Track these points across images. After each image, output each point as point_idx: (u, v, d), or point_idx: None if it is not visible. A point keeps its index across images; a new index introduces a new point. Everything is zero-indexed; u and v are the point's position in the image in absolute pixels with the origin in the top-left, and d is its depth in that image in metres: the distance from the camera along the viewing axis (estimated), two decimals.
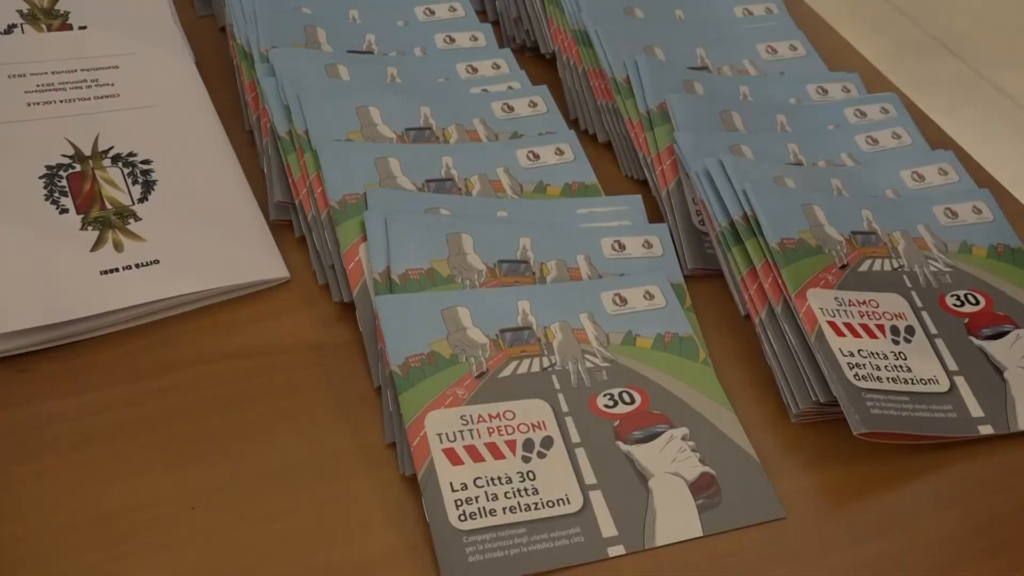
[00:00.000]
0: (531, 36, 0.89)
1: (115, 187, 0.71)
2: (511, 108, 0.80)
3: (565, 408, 0.61)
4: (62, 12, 0.83)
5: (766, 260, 0.67)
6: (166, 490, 0.58)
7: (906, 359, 0.64)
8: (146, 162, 0.73)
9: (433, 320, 0.64)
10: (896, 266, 0.70)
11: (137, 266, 0.67)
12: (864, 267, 0.69)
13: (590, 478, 0.58)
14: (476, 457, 0.58)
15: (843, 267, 0.68)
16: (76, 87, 0.77)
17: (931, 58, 2.50)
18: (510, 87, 0.82)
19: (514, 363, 0.63)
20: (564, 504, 0.57)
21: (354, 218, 0.69)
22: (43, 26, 0.81)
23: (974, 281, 0.70)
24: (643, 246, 0.71)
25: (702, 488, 0.59)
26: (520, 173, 0.75)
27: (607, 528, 0.57)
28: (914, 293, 0.68)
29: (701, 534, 0.57)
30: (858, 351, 0.63)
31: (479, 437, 0.59)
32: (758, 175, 0.72)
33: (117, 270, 0.67)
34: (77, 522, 0.56)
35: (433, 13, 0.88)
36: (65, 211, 0.69)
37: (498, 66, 0.84)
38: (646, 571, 0.56)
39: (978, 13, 2.66)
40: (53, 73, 0.77)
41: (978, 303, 0.69)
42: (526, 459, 0.59)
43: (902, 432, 0.60)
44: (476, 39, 0.86)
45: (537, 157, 0.76)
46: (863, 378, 0.62)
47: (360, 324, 0.66)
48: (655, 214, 0.76)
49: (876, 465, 0.62)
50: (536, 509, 0.57)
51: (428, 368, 0.62)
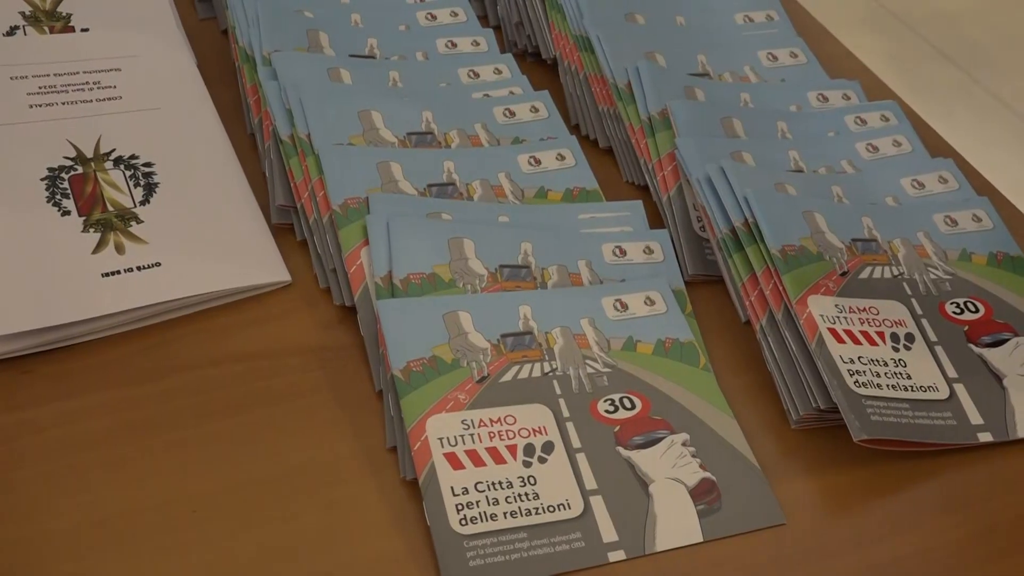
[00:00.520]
0: (533, 41, 0.89)
1: (117, 189, 0.71)
2: (512, 113, 0.80)
3: (566, 413, 0.61)
4: (64, 14, 0.83)
5: (767, 267, 0.67)
6: (167, 494, 0.58)
7: (906, 366, 0.64)
8: (148, 164, 0.73)
9: (435, 324, 0.64)
10: (896, 273, 0.70)
11: (138, 268, 0.67)
12: (864, 274, 0.69)
13: (591, 483, 0.58)
14: (477, 462, 0.58)
15: (843, 274, 0.68)
16: (78, 89, 0.77)
17: (930, 65, 2.51)
18: (511, 92, 0.82)
19: (515, 368, 0.63)
20: (565, 509, 0.57)
21: (356, 222, 0.69)
22: (45, 28, 0.81)
23: (974, 289, 0.70)
24: (644, 252, 0.71)
25: (702, 494, 0.59)
26: (521, 178, 0.75)
27: (608, 533, 0.57)
28: (914, 300, 0.69)
29: (701, 539, 0.57)
30: (858, 358, 0.63)
31: (480, 442, 0.59)
32: (759, 182, 0.72)
33: (119, 272, 0.67)
34: (77, 526, 0.56)
35: (435, 18, 0.88)
36: (67, 213, 0.69)
37: (500, 71, 0.84)
38: None
39: (976, 21, 2.67)
40: (55, 75, 0.77)
41: (978, 311, 0.69)
42: (527, 464, 0.59)
43: (901, 439, 0.60)
44: (478, 44, 0.87)
45: (538, 162, 0.76)
46: (863, 385, 0.62)
47: (361, 328, 0.66)
48: (656, 220, 0.76)
49: (876, 471, 0.62)
50: (537, 514, 0.57)
51: (430, 372, 0.62)
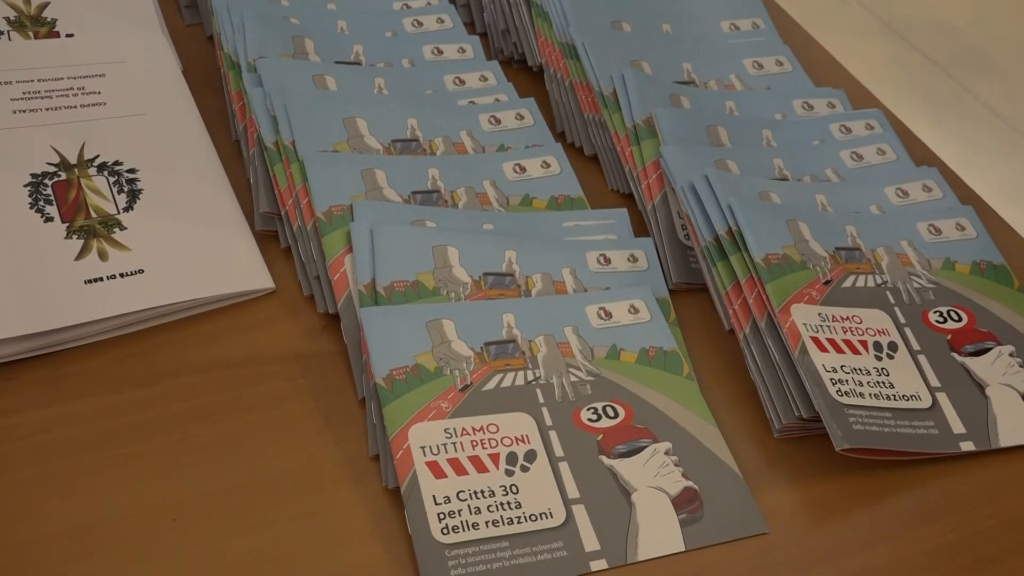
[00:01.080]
0: (519, 48, 0.89)
1: (100, 196, 0.71)
2: (498, 120, 0.80)
3: (549, 422, 0.61)
4: (49, 20, 0.83)
5: (751, 275, 0.67)
6: (149, 500, 0.58)
7: (889, 375, 0.64)
8: (132, 171, 0.73)
9: (418, 332, 0.64)
10: (880, 282, 0.70)
11: (122, 275, 0.67)
12: (848, 283, 0.69)
13: (573, 492, 0.58)
14: (459, 470, 0.58)
15: (827, 283, 0.68)
16: (63, 95, 0.77)
17: (919, 72, 2.52)
18: (497, 99, 0.82)
19: (498, 376, 0.63)
20: (547, 518, 0.57)
21: (340, 229, 0.69)
22: (30, 33, 0.81)
23: (957, 298, 0.71)
24: (628, 260, 0.71)
25: (685, 503, 0.59)
26: (506, 186, 0.75)
27: (590, 542, 0.57)
28: (897, 309, 0.69)
29: (683, 549, 0.57)
30: (841, 367, 0.63)
31: (463, 450, 0.59)
32: (743, 190, 0.72)
33: (102, 279, 0.66)
34: (59, 532, 0.56)
35: (421, 25, 0.88)
36: (50, 219, 0.69)
37: (485, 78, 0.84)
38: None
39: (966, 28, 2.68)
40: (39, 81, 0.77)
41: (961, 320, 0.69)
42: (509, 473, 0.59)
43: (884, 448, 0.61)
44: (464, 51, 0.87)
45: (523, 170, 0.76)
46: (846, 394, 0.62)
47: (345, 336, 0.66)
48: (640, 228, 0.76)
49: (858, 480, 0.62)
50: (519, 523, 0.57)
51: (412, 381, 0.62)
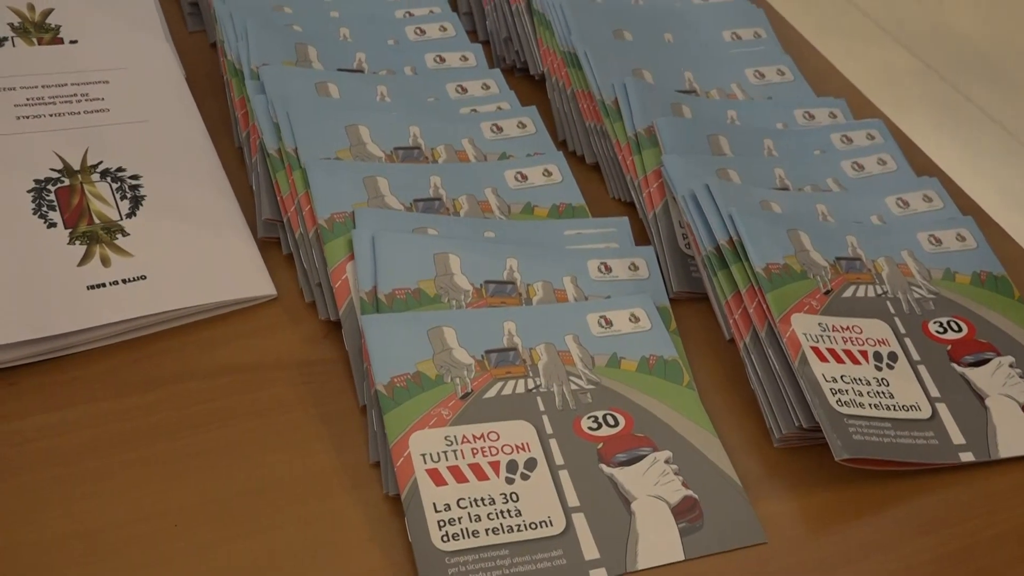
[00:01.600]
0: (521, 57, 0.89)
1: (103, 202, 0.71)
2: (500, 129, 0.80)
3: (549, 430, 0.62)
4: (53, 26, 0.83)
5: (751, 285, 0.68)
6: (149, 507, 0.58)
7: (888, 385, 0.65)
8: (135, 177, 0.73)
9: (419, 340, 0.64)
10: (880, 292, 0.70)
11: (124, 281, 0.67)
12: (848, 293, 0.69)
13: (573, 500, 0.59)
14: (460, 478, 0.58)
15: (827, 293, 0.69)
16: (66, 101, 0.77)
17: (920, 80, 2.52)
18: (499, 107, 0.82)
19: (499, 384, 0.63)
20: (547, 526, 0.57)
21: (342, 237, 0.69)
22: (34, 40, 0.81)
23: (957, 308, 0.71)
24: (629, 268, 0.72)
25: (684, 512, 0.59)
26: (508, 194, 0.76)
27: (589, 551, 0.57)
28: (897, 319, 0.69)
29: (683, 558, 0.58)
30: (841, 377, 0.64)
31: (463, 458, 0.59)
32: (744, 200, 0.72)
33: (104, 285, 0.67)
34: (60, 537, 0.56)
35: (424, 32, 0.88)
36: (53, 225, 0.69)
37: (488, 86, 0.84)
38: None
39: (967, 35, 2.68)
40: (43, 87, 0.77)
41: (961, 330, 0.69)
42: (509, 480, 0.59)
43: (884, 459, 0.61)
44: (466, 59, 0.87)
45: (525, 178, 0.77)
46: (845, 404, 0.62)
47: (346, 343, 0.66)
48: (642, 236, 0.76)
49: (858, 490, 0.62)
50: (519, 531, 0.57)
51: (413, 388, 0.62)
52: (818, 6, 2.75)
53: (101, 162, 0.73)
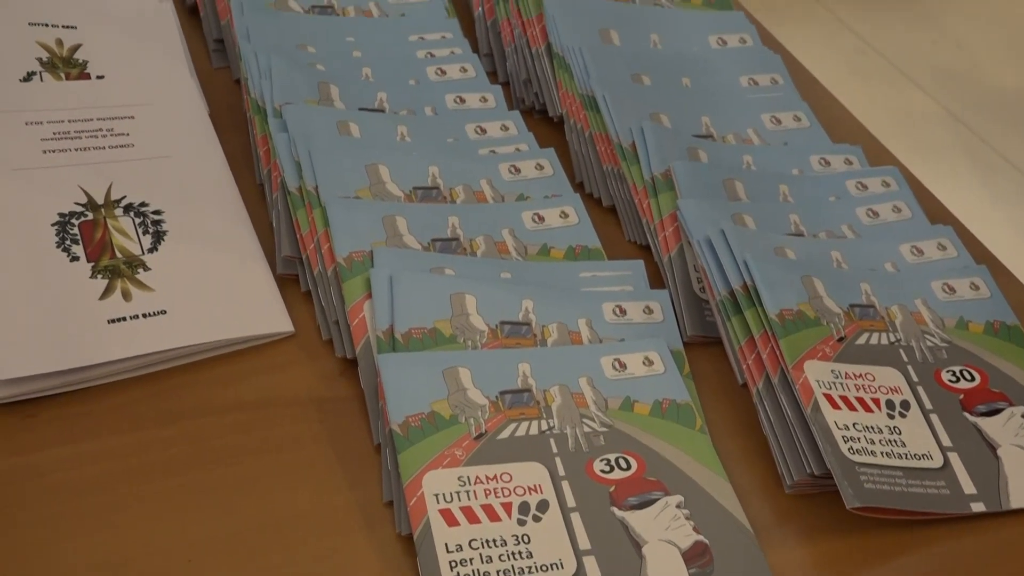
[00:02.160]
0: (540, 99, 0.90)
1: (126, 236, 0.72)
2: (518, 170, 0.81)
3: (562, 472, 0.62)
4: (81, 61, 0.84)
5: (765, 331, 0.68)
6: (164, 541, 0.59)
7: (900, 434, 0.65)
8: (157, 212, 0.74)
9: (434, 380, 0.65)
10: (893, 340, 0.70)
11: (144, 316, 0.68)
12: (861, 340, 0.70)
13: (584, 543, 0.59)
14: (472, 519, 0.59)
15: (841, 340, 0.69)
16: (92, 136, 0.78)
17: (936, 124, 2.53)
18: (518, 149, 0.83)
19: (513, 425, 0.64)
20: (558, 569, 0.58)
21: (360, 275, 0.70)
22: (62, 74, 0.83)
23: (970, 357, 0.71)
24: (644, 312, 0.72)
25: (695, 557, 0.59)
26: (525, 235, 0.76)
27: None
28: (910, 368, 0.69)
29: None
30: (853, 424, 0.64)
31: (476, 499, 0.60)
32: (759, 245, 0.73)
33: (124, 319, 0.68)
34: (75, 570, 0.57)
35: (444, 73, 0.89)
36: (76, 259, 0.70)
37: (507, 128, 0.85)
38: None
39: (983, 80, 2.69)
40: (69, 122, 0.79)
41: (973, 379, 0.70)
42: (521, 522, 0.59)
43: (895, 508, 0.61)
44: (486, 100, 0.88)
45: (542, 219, 0.77)
46: (857, 452, 0.62)
47: (362, 381, 0.66)
48: (656, 279, 0.77)
49: (868, 539, 0.62)
50: (530, 573, 0.57)
51: (428, 428, 0.62)
52: (837, 48, 2.77)
53: (124, 196, 0.74)
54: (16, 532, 0.58)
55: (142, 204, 0.74)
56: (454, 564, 0.57)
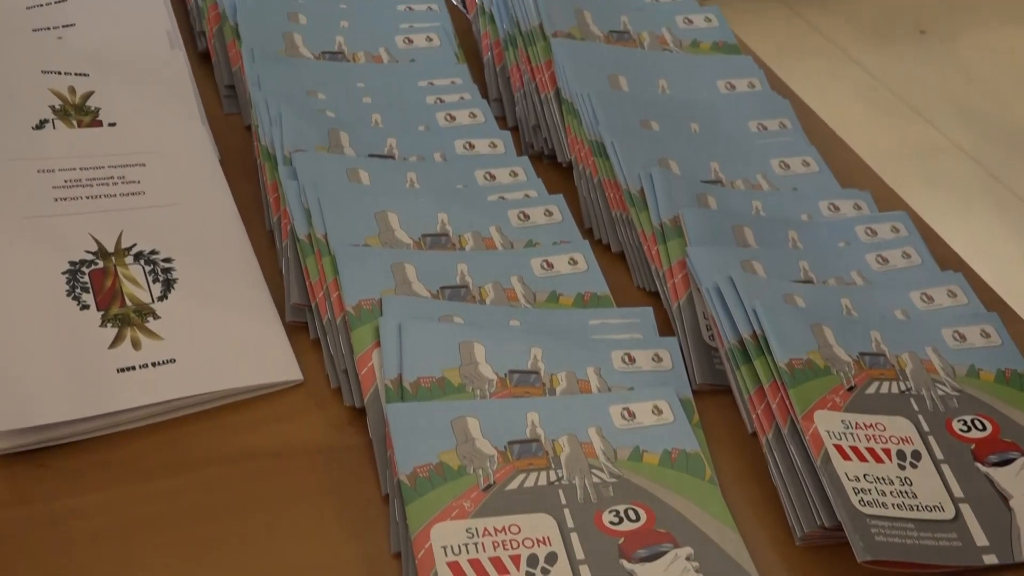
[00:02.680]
0: (549, 144, 0.91)
1: (136, 284, 0.72)
2: (527, 216, 0.81)
3: (570, 524, 0.62)
4: (93, 108, 0.85)
5: (774, 380, 0.68)
6: None
7: (912, 485, 0.64)
8: (167, 260, 0.74)
9: (442, 430, 0.65)
10: (903, 389, 0.70)
11: (154, 364, 0.68)
12: (871, 389, 0.69)
13: None
14: (480, 572, 0.59)
15: (850, 389, 0.69)
16: (103, 183, 0.79)
17: (945, 158, 2.53)
18: (527, 195, 0.83)
19: (521, 476, 0.64)
20: None
21: (369, 323, 0.70)
22: (74, 122, 0.83)
23: (981, 406, 0.71)
24: (653, 360, 0.72)
25: None
26: (534, 282, 0.76)
27: None
28: (921, 417, 0.69)
29: None
30: (864, 476, 0.63)
31: (484, 551, 0.59)
32: (768, 294, 0.73)
33: (134, 368, 0.68)
34: None
35: (454, 119, 0.90)
36: (86, 307, 0.70)
37: (516, 174, 0.85)
38: None
39: (995, 115, 2.69)
40: (81, 169, 0.79)
41: (985, 429, 0.69)
42: (529, 575, 0.59)
43: (907, 561, 0.60)
44: (495, 146, 0.88)
45: (551, 266, 0.78)
46: (868, 504, 0.62)
47: (370, 431, 0.66)
48: (665, 326, 0.77)
49: None
50: None
51: (436, 479, 0.62)
52: (845, 83, 2.77)
53: (135, 244, 0.75)
54: None
55: (152, 252, 0.75)
56: None
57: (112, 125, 0.84)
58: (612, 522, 0.62)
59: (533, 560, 0.60)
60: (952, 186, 2.44)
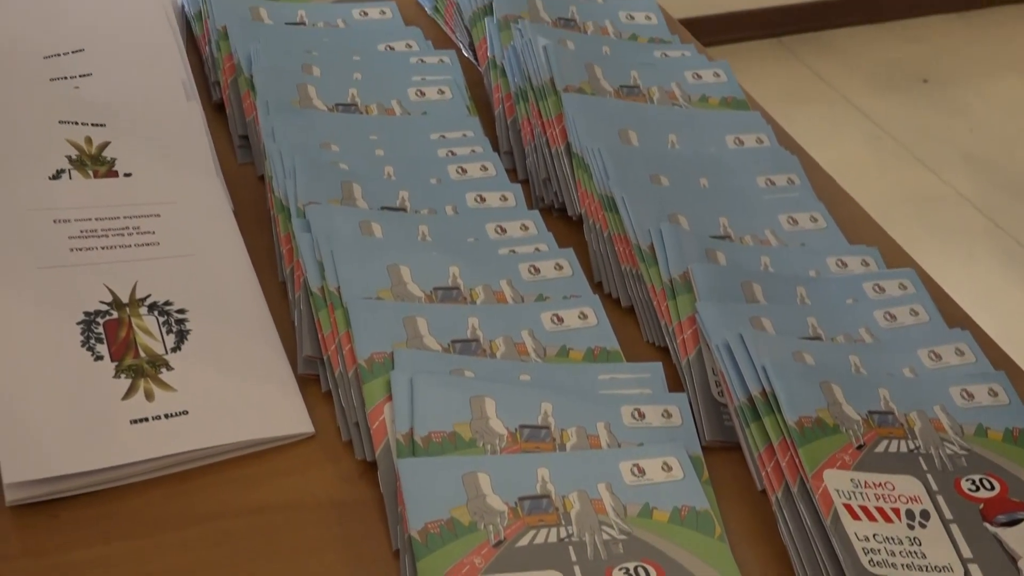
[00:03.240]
0: (559, 198, 0.92)
1: (150, 335, 0.73)
2: (537, 270, 0.82)
3: None
4: (109, 159, 0.86)
5: (784, 438, 0.68)
6: None
7: (921, 544, 0.64)
8: (181, 311, 0.75)
9: (453, 485, 0.65)
10: (912, 447, 0.70)
11: (166, 416, 0.69)
12: (880, 448, 0.70)
13: None
14: None
15: (860, 447, 0.69)
16: (118, 234, 0.79)
17: (949, 207, 2.54)
18: (537, 249, 0.84)
19: (532, 532, 0.64)
20: None
21: (380, 377, 0.70)
22: (90, 172, 0.84)
23: (989, 465, 0.71)
24: (662, 415, 0.72)
25: None
26: (544, 336, 0.77)
27: None
28: (930, 476, 0.69)
29: None
30: (873, 535, 0.64)
31: None
32: (777, 351, 0.73)
33: (147, 420, 0.68)
34: None
35: (465, 172, 0.91)
36: (100, 358, 0.71)
37: (526, 227, 0.86)
38: None
39: (997, 163, 2.71)
40: (96, 220, 0.80)
41: (993, 488, 0.69)
42: None
43: None
44: (506, 199, 0.89)
45: (561, 320, 0.78)
46: (878, 564, 0.62)
47: (381, 485, 0.67)
48: (675, 380, 0.77)
49: None
50: None
51: (447, 535, 0.62)
52: (851, 132, 2.79)
53: (149, 295, 0.75)
54: None
55: (166, 303, 0.75)
56: None
57: (128, 175, 0.85)
58: None
59: None
60: (956, 234, 2.45)
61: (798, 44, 3.15)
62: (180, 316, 0.75)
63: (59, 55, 0.97)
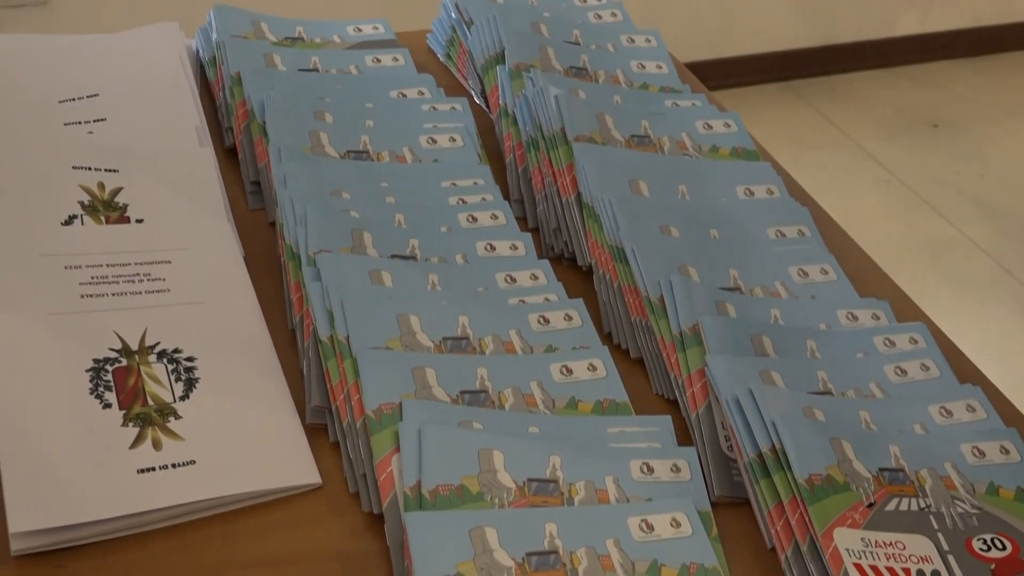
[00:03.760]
0: (569, 247, 0.92)
1: (158, 383, 0.73)
2: (547, 320, 0.82)
3: None
4: (121, 204, 0.86)
5: (793, 496, 0.68)
6: None
7: None
8: (190, 359, 0.75)
9: (460, 540, 0.64)
10: (923, 506, 0.70)
11: (174, 466, 0.68)
12: (891, 506, 0.69)
13: None
14: None
15: (870, 505, 0.69)
16: (128, 280, 0.80)
17: (959, 253, 2.54)
18: (547, 299, 0.84)
19: None
20: None
21: (388, 428, 0.70)
22: (102, 218, 0.85)
23: (1001, 525, 0.70)
24: (671, 470, 0.72)
25: None
26: (553, 387, 0.77)
27: None
28: (940, 535, 0.68)
29: None
30: None
31: None
32: (787, 407, 0.73)
33: (154, 469, 0.68)
34: None
35: (476, 220, 0.91)
36: (108, 406, 0.71)
37: (536, 277, 0.86)
38: None
39: (1007, 209, 2.71)
40: (108, 266, 0.80)
41: (1005, 548, 0.69)
42: None
43: None
44: (516, 248, 0.89)
45: (570, 372, 0.78)
46: None
47: (388, 538, 0.66)
48: (684, 433, 0.77)
49: None
50: None
51: None
52: (861, 177, 2.79)
53: (159, 343, 0.75)
54: None
55: (175, 351, 0.75)
56: None
57: (139, 221, 0.85)
58: None
59: None
60: (966, 281, 2.45)
61: (807, 88, 3.17)
62: (189, 364, 0.75)
63: (74, 99, 0.98)
